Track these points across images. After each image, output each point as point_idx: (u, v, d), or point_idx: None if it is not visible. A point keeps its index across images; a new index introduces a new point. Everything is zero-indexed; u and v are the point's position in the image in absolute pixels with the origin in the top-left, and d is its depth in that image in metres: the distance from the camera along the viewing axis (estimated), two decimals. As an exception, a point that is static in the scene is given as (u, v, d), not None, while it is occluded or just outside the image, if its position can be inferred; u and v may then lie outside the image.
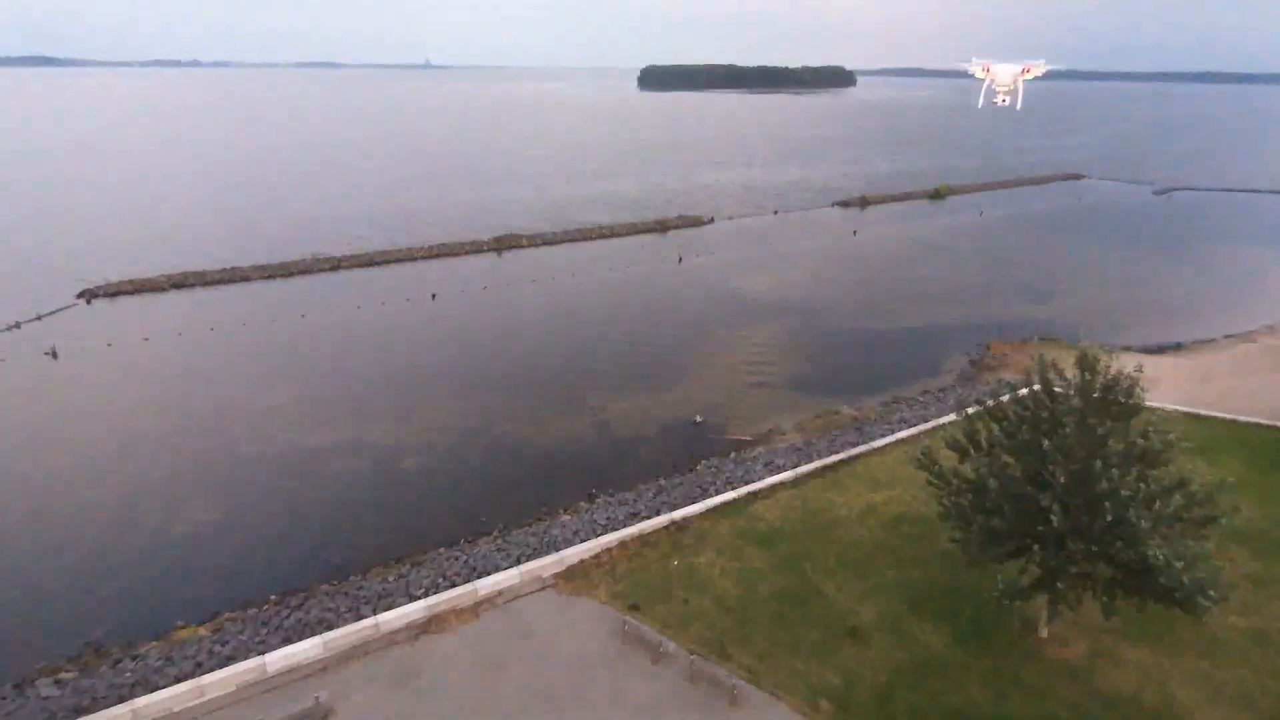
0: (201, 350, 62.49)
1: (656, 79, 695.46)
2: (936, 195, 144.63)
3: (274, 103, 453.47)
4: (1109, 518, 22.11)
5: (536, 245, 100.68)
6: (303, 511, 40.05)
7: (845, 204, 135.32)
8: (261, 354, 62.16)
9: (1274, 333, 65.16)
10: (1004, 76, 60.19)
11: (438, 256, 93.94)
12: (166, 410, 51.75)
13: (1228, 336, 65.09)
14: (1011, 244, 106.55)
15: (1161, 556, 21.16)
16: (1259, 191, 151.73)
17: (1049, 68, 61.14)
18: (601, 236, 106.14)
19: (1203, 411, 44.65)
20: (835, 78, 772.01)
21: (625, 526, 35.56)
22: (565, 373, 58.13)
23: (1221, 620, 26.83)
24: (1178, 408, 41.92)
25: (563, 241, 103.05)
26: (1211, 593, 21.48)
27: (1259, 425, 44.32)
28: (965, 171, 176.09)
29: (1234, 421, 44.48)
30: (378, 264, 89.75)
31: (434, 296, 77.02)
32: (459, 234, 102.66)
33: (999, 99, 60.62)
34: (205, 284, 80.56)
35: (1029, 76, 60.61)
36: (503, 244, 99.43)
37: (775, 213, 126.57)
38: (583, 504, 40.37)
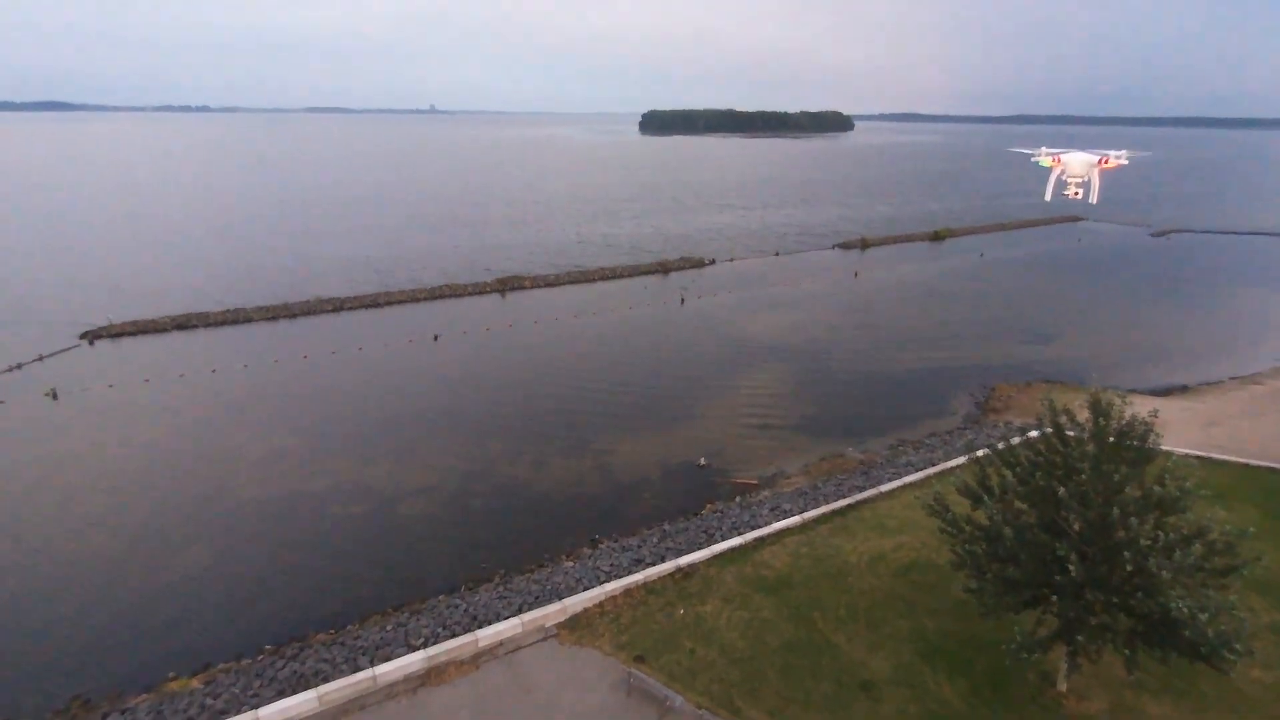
0: (202, 392, 62.17)
1: (657, 123, 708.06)
2: (936, 237, 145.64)
3: (281, 146, 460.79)
4: (1128, 567, 21.54)
5: (539, 286, 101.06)
6: (301, 557, 39.31)
7: (846, 246, 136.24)
8: (263, 396, 61.81)
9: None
10: (1077, 167, 55.00)
11: (441, 298, 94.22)
12: (165, 453, 51.24)
13: (1234, 379, 64.75)
14: (1012, 286, 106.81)
15: (1185, 608, 20.52)
16: (1256, 234, 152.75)
17: (1130, 155, 55.09)
18: (604, 278, 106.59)
19: (1214, 455, 44.07)
20: (833, 122, 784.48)
21: (629, 573, 34.82)
22: (568, 414, 57.70)
23: (1245, 674, 26.02)
24: (1189, 452, 41.36)
25: (565, 283, 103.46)
26: (1237, 646, 20.77)
27: (1272, 470, 43.69)
28: (964, 214, 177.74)
29: (1246, 466, 43.87)
30: (381, 305, 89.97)
31: (436, 338, 76.97)
32: (462, 275, 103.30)
33: (1070, 191, 55.23)
34: (208, 325, 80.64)
35: (1107, 168, 54.79)
36: (506, 285, 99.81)
37: (776, 254, 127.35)
38: (586, 549, 39.64)
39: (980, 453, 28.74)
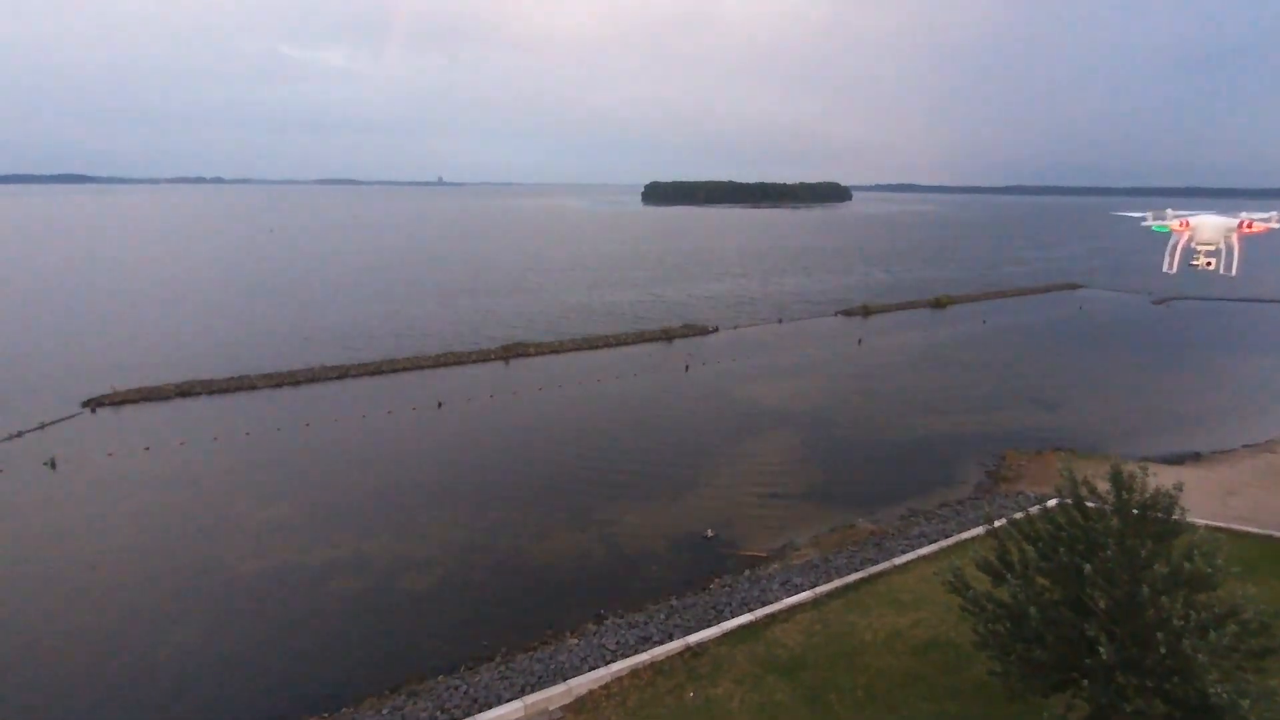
0: (203, 460, 61.47)
1: (659, 194, 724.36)
2: (938, 304, 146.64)
3: (289, 216, 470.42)
4: (1162, 649, 20.52)
5: (544, 354, 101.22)
6: (294, 635, 38.00)
7: (848, 313, 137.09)
8: (264, 464, 61.07)
9: (1294, 443, 63.90)
10: (1209, 232, 44.72)
11: (445, 365, 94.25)
12: (160, 523, 50.26)
13: (1246, 446, 63.92)
14: (1016, 353, 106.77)
15: (1225, 694, 19.44)
16: (1253, 301, 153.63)
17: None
18: (608, 345, 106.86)
19: (1236, 527, 42.97)
20: (832, 193, 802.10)
21: (636, 652, 33.49)
22: (572, 484, 56.79)
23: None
24: (1211, 523, 40.32)
25: (569, 350, 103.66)
26: (1284, 737, 19.59)
27: (1295, 541, 42.54)
28: (964, 282, 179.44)
29: (1270, 538, 42.73)
30: (384, 372, 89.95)
31: (440, 405, 76.59)
32: (466, 342, 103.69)
33: (1200, 261, 45.11)
34: (211, 392, 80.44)
35: (1251, 233, 44.06)
36: (510, 352, 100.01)
37: (779, 321, 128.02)
38: (590, 625, 38.31)
39: (998, 523, 27.92)
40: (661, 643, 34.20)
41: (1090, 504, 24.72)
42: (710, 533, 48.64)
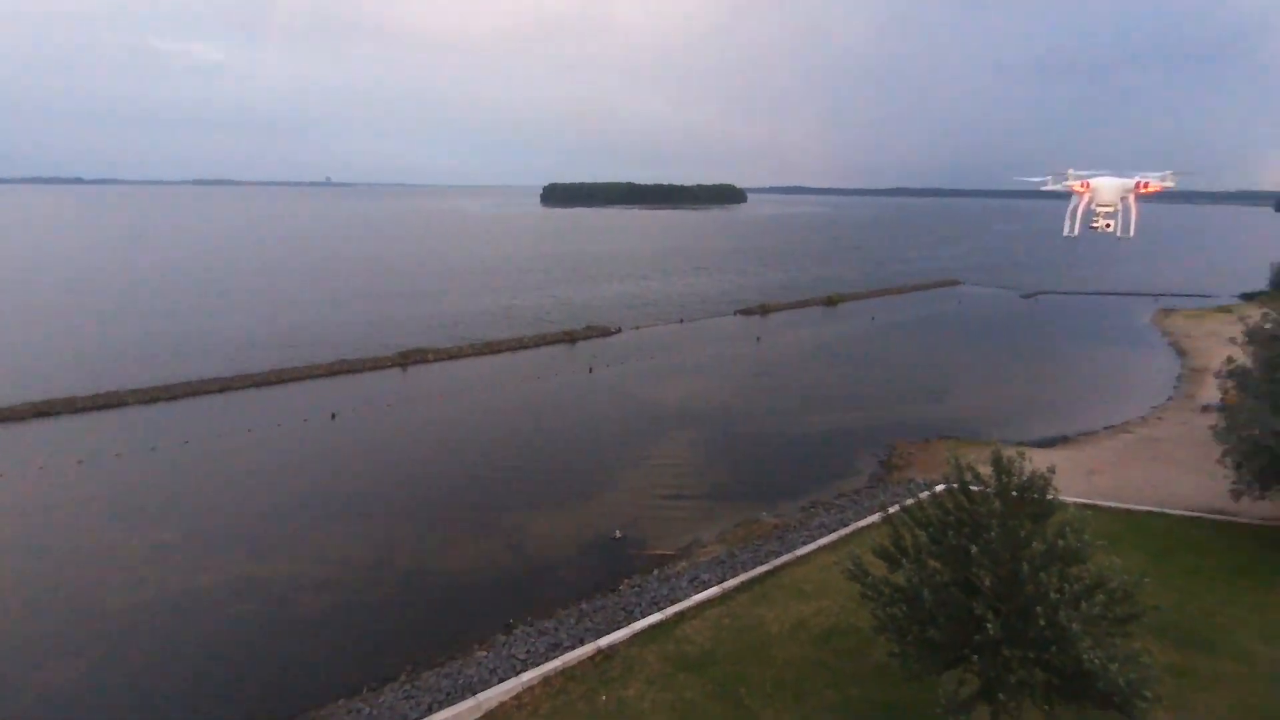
0: (67, 485, 56.38)
1: (559, 195, 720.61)
2: (830, 302, 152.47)
3: (160, 219, 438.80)
4: (1041, 622, 21.98)
5: (443, 359, 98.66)
6: (181, 666, 35.42)
7: (747, 312, 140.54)
8: (139, 487, 56.62)
9: (1146, 423, 70.10)
10: (1108, 193, 45.18)
11: (338, 374, 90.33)
12: (20, 557, 45.77)
13: (1106, 428, 69.55)
14: (903, 347, 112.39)
15: (1097, 659, 21.03)
16: (1108, 294, 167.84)
17: (1177, 176, 43.03)
18: (510, 349, 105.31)
19: (1099, 503, 46.67)
20: (728, 195, 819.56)
21: (547, 659, 33.07)
22: (477, 492, 55.58)
23: (1151, 718, 26.80)
24: (1077, 500, 43.61)
25: (470, 355, 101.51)
26: (1147, 693, 21.38)
27: (1150, 513, 46.67)
28: (854, 280, 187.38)
29: (1129, 511, 46.70)
30: (272, 383, 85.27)
31: (334, 416, 73.30)
32: (361, 350, 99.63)
33: (1100, 223, 45.53)
34: (74, 411, 73.89)
35: (1147, 193, 44.53)
36: (408, 359, 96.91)
37: (681, 321, 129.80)
38: (500, 636, 37.54)
39: (892, 510, 29.20)
40: (572, 648, 33.91)
41: (974, 488, 26.23)
42: (619, 534, 48.70)
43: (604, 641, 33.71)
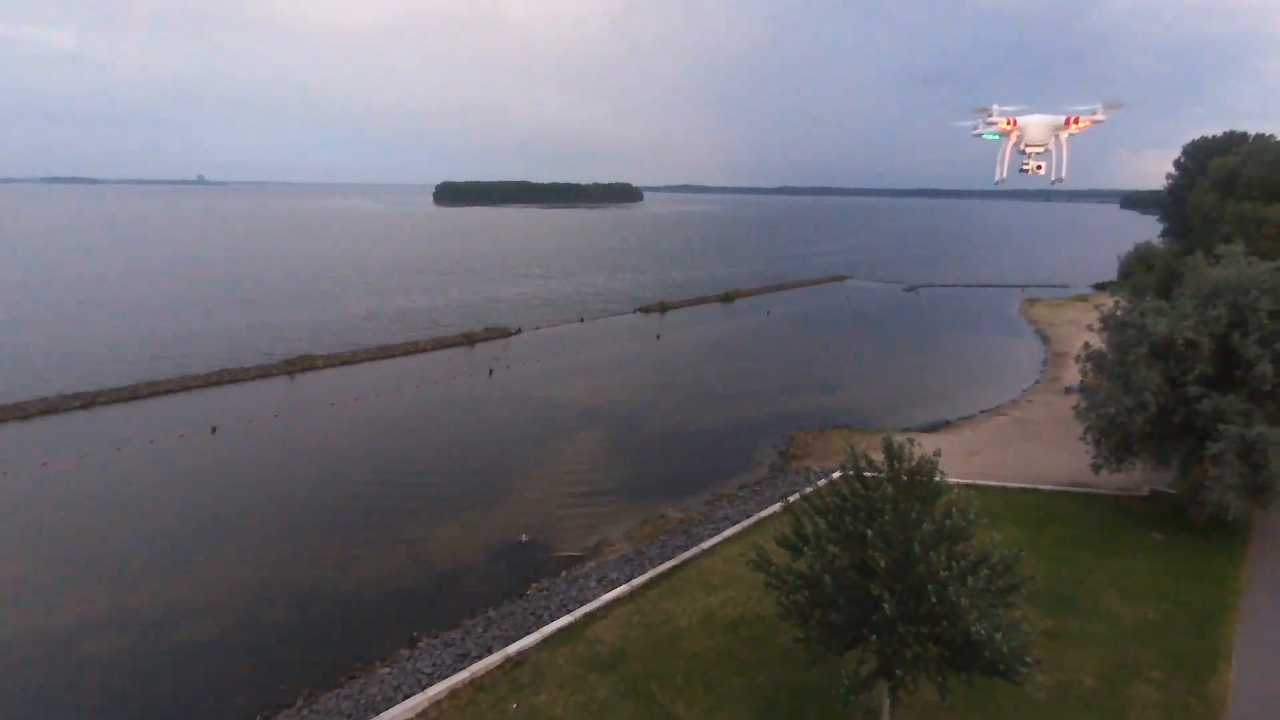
0: (-102, 519, 50.41)
1: (452, 194, 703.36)
2: (727, 299, 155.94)
3: (6, 220, 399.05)
4: (933, 599, 23.18)
5: (334, 366, 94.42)
6: (40, 712, 32.29)
7: (646, 310, 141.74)
8: (-14, 516, 51.29)
9: (1017, 406, 75.43)
10: (1038, 131, 40.14)
11: (218, 384, 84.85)
12: None
13: (984, 412, 74.36)
14: (797, 340, 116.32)
15: (983, 630, 22.37)
16: (981, 286, 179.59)
17: (1109, 108, 38.39)
18: (405, 353, 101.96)
19: (979, 482, 49.80)
20: (624, 193, 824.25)
21: (454, 671, 32.22)
22: (375, 503, 53.45)
23: (1032, 681, 28.75)
24: (960, 481, 46.37)
25: (363, 360, 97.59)
26: (1028, 659, 22.94)
27: (1023, 489, 50.30)
28: (749, 277, 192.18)
29: (1004, 488, 50.09)
30: (143, 397, 79.18)
31: (214, 430, 68.79)
32: (242, 358, 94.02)
33: (1031, 165, 40.62)
34: (-93, 436, 66.15)
35: (1075, 131, 39.28)
36: (295, 366, 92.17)
37: (581, 320, 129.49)
38: (403, 651, 36.32)
39: (792, 499, 30.10)
40: (480, 657, 33.19)
41: (869, 474, 27.38)
42: (525, 537, 48.05)
43: (513, 649, 33.15)
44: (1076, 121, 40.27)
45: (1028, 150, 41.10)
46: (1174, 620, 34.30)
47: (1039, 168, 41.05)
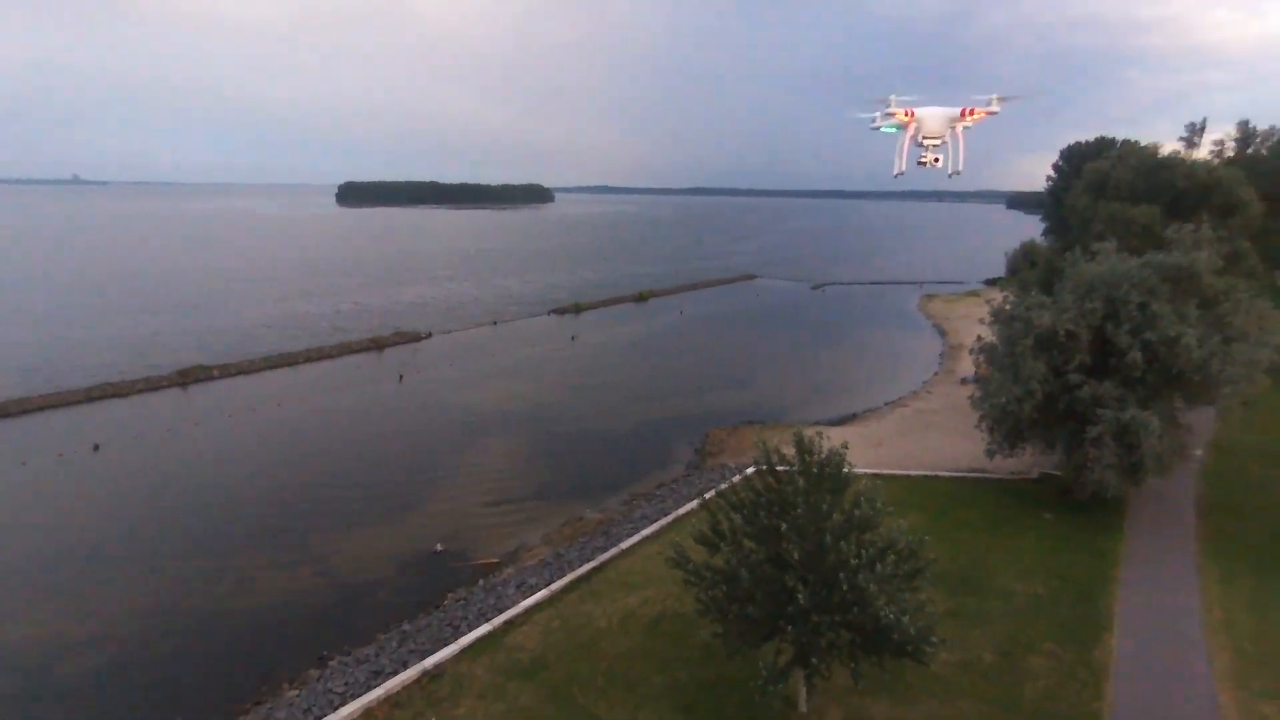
0: None
1: (357, 194, 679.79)
2: (641, 299, 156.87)
3: None
4: (844, 587, 23.95)
5: (231, 375, 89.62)
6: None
7: (560, 311, 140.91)
8: None
9: (918, 397, 79.01)
10: (935, 123, 39.37)
11: (101, 398, 79.10)
12: None
13: (888, 404, 77.50)
14: (710, 339, 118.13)
15: (891, 615, 23.29)
16: (885, 283, 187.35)
17: (1003, 101, 38.33)
18: (309, 360, 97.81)
19: (884, 471, 51.84)
20: (535, 194, 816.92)
21: (368, 689, 31.11)
22: (279, 518, 51.04)
23: (936, 659, 30.15)
24: (868, 471, 48.19)
25: (262, 369, 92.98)
26: (933, 639, 24.02)
27: (926, 476, 52.69)
28: (662, 276, 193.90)
29: (908, 476, 52.34)
30: (12, 415, 72.87)
31: (97, 447, 64.06)
32: (127, 371, 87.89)
33: (929, 158, 39.73)
34: None
35: (971, 122, 38.59)
36: (188, 377, 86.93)
37: (494, 323, 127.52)
38: (313, 671, 34.88)
39: (708, 496, 30.52)
40: (395, 673, 32.17)
41: (781, 468, 28.06)
42: (440, 547, 46.91)
43: (430, 661, 32.26)
44: (972, 113, 39.87)
45: (925, 143, 40.36)
46: (1062, 594, 36.65)
47: (936, 160, 40.38)
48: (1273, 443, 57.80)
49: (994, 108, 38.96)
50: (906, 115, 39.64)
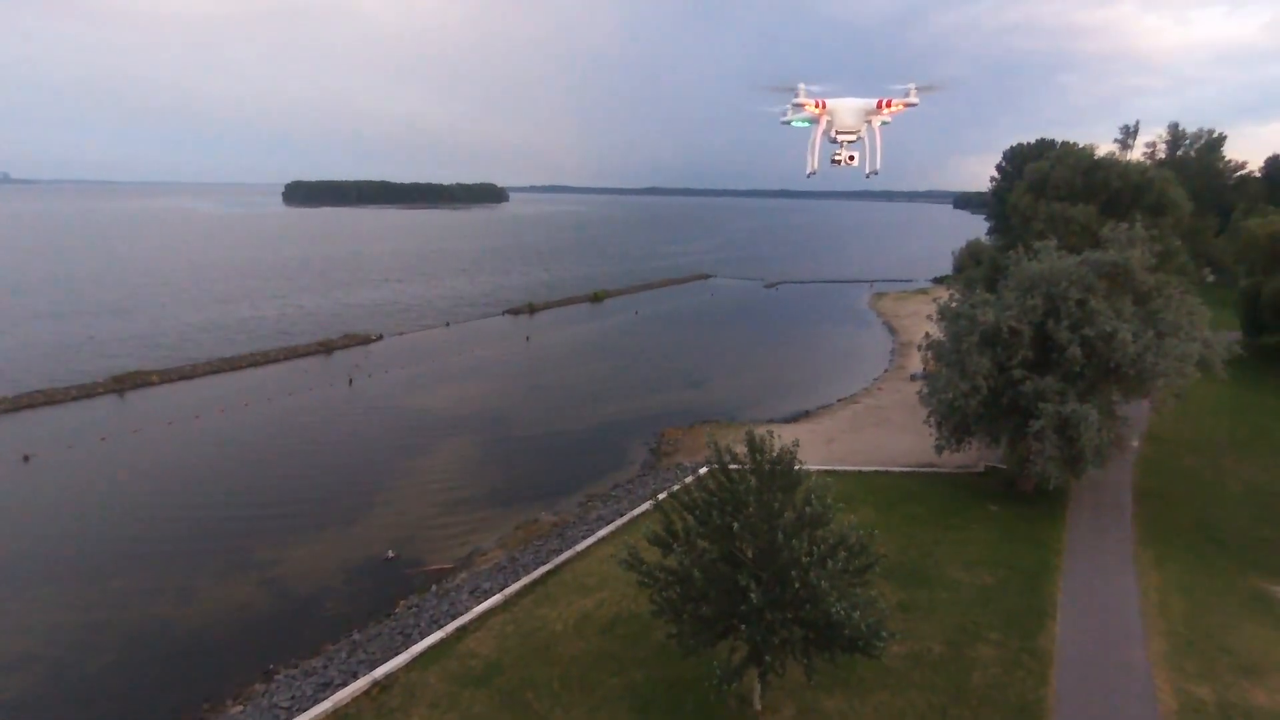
0: None
1: (304, 194, 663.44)
2: (596, 299, 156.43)
3: None
4: (796, 584, 24.12)
5: (171, 381, 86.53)
6: None
7: (515, 312, 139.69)
8: None
9: (869, 393, 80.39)
10: (848, 116, 34.22)
11: (31, 407, 75.61)
12: None
13: (840, 400, 78.67)
14: (665, 339, 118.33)
15: (842, 611, 23.53)
16: (836, 281, 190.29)
17: (923, 91, 33.24)
18: (254, 364, 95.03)
19: (836, 467, 52.57)
20: (489, 194, 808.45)
21: (315, 702, 30.29)
22: (222, 528, 49.43)
23: (888, 651, 30.59)
24: (820, 467, 48.73)
25: (204, 374, 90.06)
26: (883, 633, 24.35)
27: (877, 472, 53.60)
28: (617, 276, 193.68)
29: (860, 472, 53.14)
30: (-66, 426, 69.23)
31: (27, 458, 61.23)
32: (58, 377, 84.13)
33: (843, 156, 34.74)
34: None
35: (888, 116, 34.10)
36: (124, 384, 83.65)
37: (447, 325, 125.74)
38: (258, 685, 33.85)
39: (661, 496, 30.48)
40: (345, 684, 31.39)
41: (733, 466, 28.15)
42: (391, 553, 46.00)
43: (380, 671, 31.54)
44: (889, 104, 34.43)
45: (839, 139, 34.53)
46: (1008, 584, 37.58)
47: (851, 158, 34.54)
48: (1202, 433, 60.40)
49: (912, 99, 33.91)
50: (817, 107, 33.95)
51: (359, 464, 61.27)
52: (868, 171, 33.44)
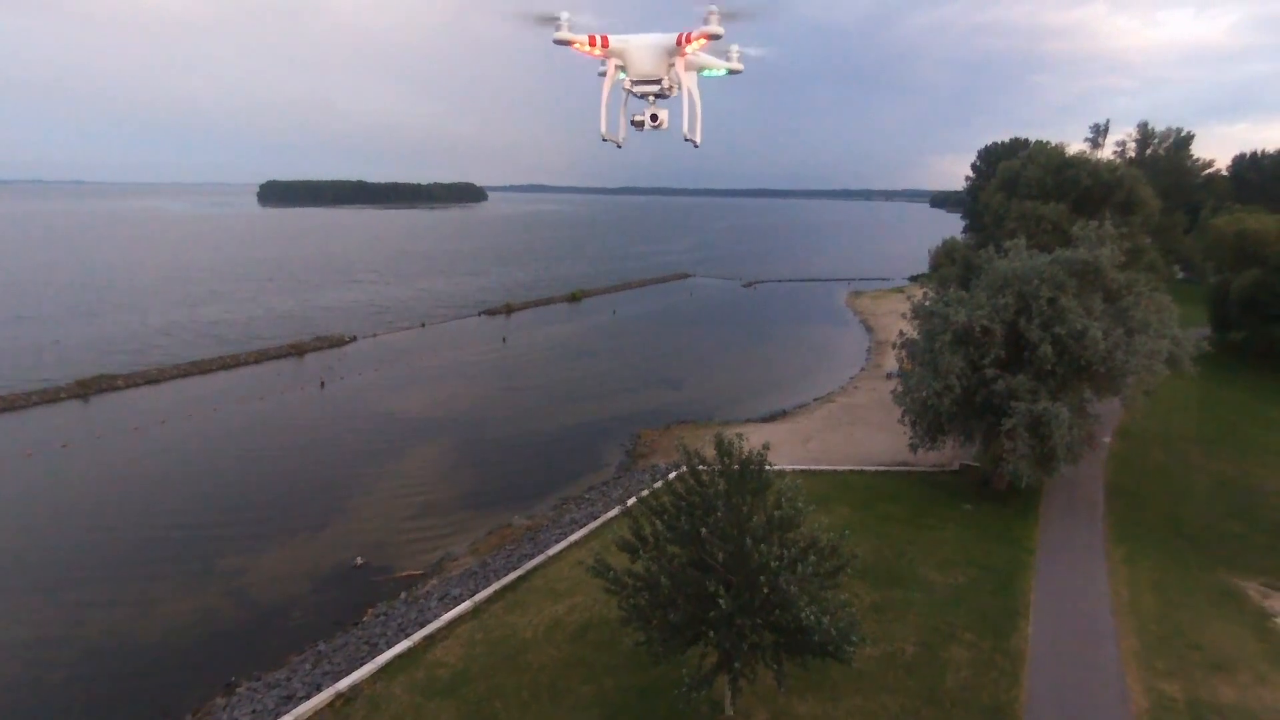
0: None
1: (279, 194, 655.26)
2: (573, 299, 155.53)
3: None
4: (765, 589, 23.71)
5: (137, 385, 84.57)
6: None
7: (491, 312, 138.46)
8: None
9: (846, 392, 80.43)
10: (644, 61, 20.05)
11: (-11, 413, 73.57)
12: None
13: (816, 399, 78.59)
14: (643, 339, 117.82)
15: (812, 615, 23.15)
16: (814, 280, 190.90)
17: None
18: (224, 367, 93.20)
19: (812, 467, 52.38)
20: (467, 193, 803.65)
21: (277, 716, 29.50)
22: (185, 536, 48.18)
23: (859, 654, 30.29)
24: (794, 467, 48.54)
25: (173, 377, 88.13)
26: (854, 638, 24.00)
27: (852, 471, 53.45)
28: (595, 276, 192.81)
29: (836, 471, 52.97)
30: (-113, 434, 67.07)
31: (-17, 467, 59.52)
32: (17, 381, 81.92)
33: (645, 114, 20.40)
34: None
35: (693, 53, 20.61)
36: (89, 388, 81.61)
37: (423, 326, 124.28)
38: (219, 699, 32.95)
39: (630, 501, 29.96)
40: (308, 697, 30.59)
41: (703, 468, 27.69)
42: (360, 560, 45.11)
43: (344, 683, 30.76)
44: (690, 38, 22.39)
45: (637, 90, 22.19)
46: (981, 583, 37.52)
47: (656, 119, 22.23)
48: (1172, 429, 60.98)
49: (715, 28, 22.80)
50: (593, 45, 21.18)
51: (329, 468, 60.15)
52: (686, 137, 21.63)
